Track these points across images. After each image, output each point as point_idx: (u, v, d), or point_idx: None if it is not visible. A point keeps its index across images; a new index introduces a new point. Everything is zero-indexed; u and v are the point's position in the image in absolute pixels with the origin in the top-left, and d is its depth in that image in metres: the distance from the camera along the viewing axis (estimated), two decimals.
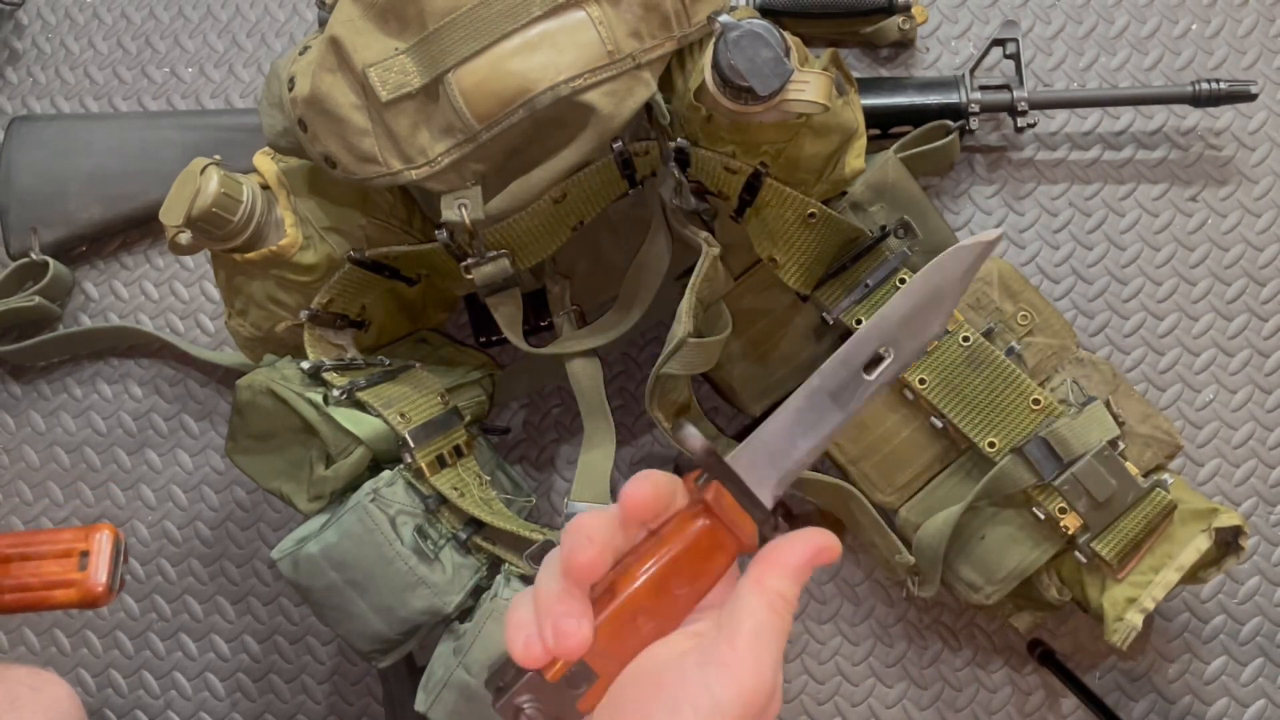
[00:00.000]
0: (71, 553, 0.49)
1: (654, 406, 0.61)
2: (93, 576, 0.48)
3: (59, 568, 0.49)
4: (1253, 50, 0.80)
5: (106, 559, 0.48)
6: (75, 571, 0.48)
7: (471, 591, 0.63)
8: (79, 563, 0.49)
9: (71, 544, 0.49)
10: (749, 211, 0.62)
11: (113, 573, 0.49)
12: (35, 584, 0.49)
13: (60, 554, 0.49)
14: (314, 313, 0.64)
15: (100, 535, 0.50)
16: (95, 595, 0.49)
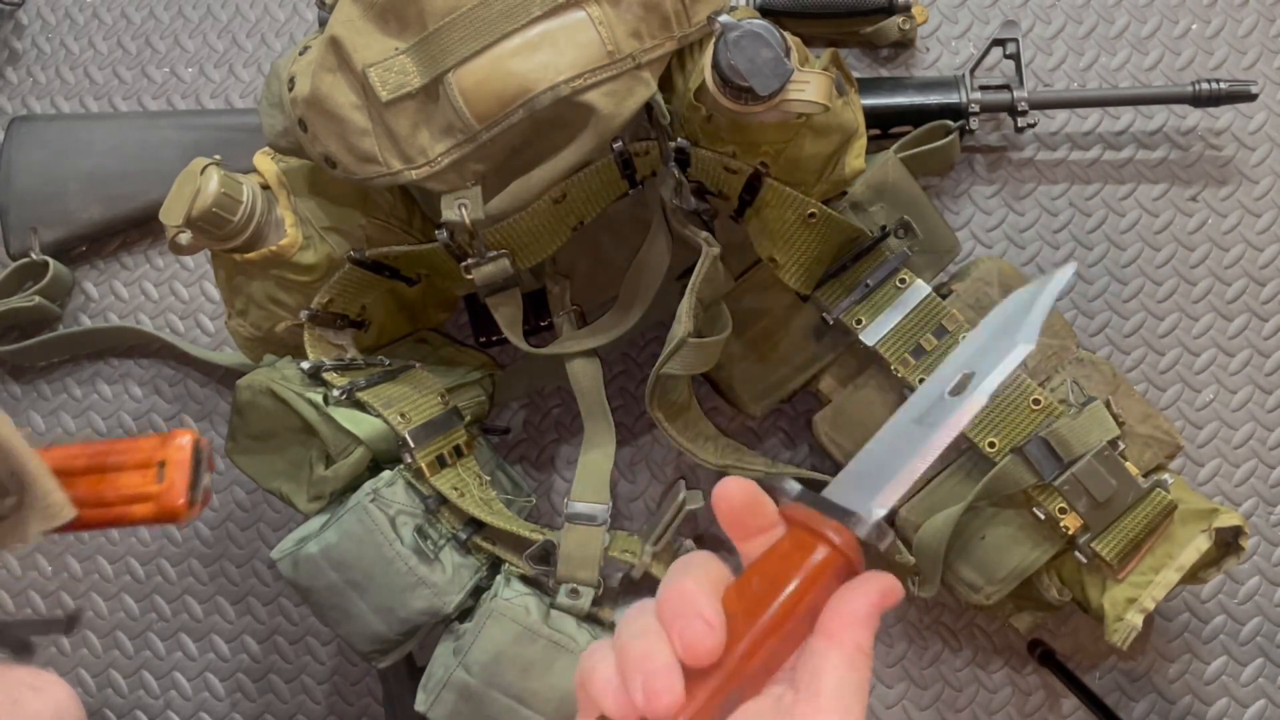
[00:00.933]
0: (150, 463, 0.44)
1: (654, 406, 0.61)
2: (170, 489, 0.43)
3: (139, 479, 0.44)
4: (1253, 50, 0.80)
5: (185, 470, 0.44)
6: (153, 484, 0.44)
7: (471, 592, 0.63)
8: (157, 474, 0.44)
9: (150, 453, 0.44)
10: (749, 211, 0.62)
11: (192, 485, 0.44)
12: (113, 498, 0.44)
13: (139, 464, 0.44)
14: (314, 313, 0.64)
15: (179, 442, 0.45)
16: (173, 510, 0.44)
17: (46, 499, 0.40)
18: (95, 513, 0.44)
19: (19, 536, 0.41)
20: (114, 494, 0.44)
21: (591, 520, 0.64)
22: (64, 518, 0.41)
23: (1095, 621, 0.65)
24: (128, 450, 0.45)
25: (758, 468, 0.66)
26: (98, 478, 0.44)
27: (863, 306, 0.66)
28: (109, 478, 0.44)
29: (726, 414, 0.77)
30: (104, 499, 0.44)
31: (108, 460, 0.44)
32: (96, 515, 0.44)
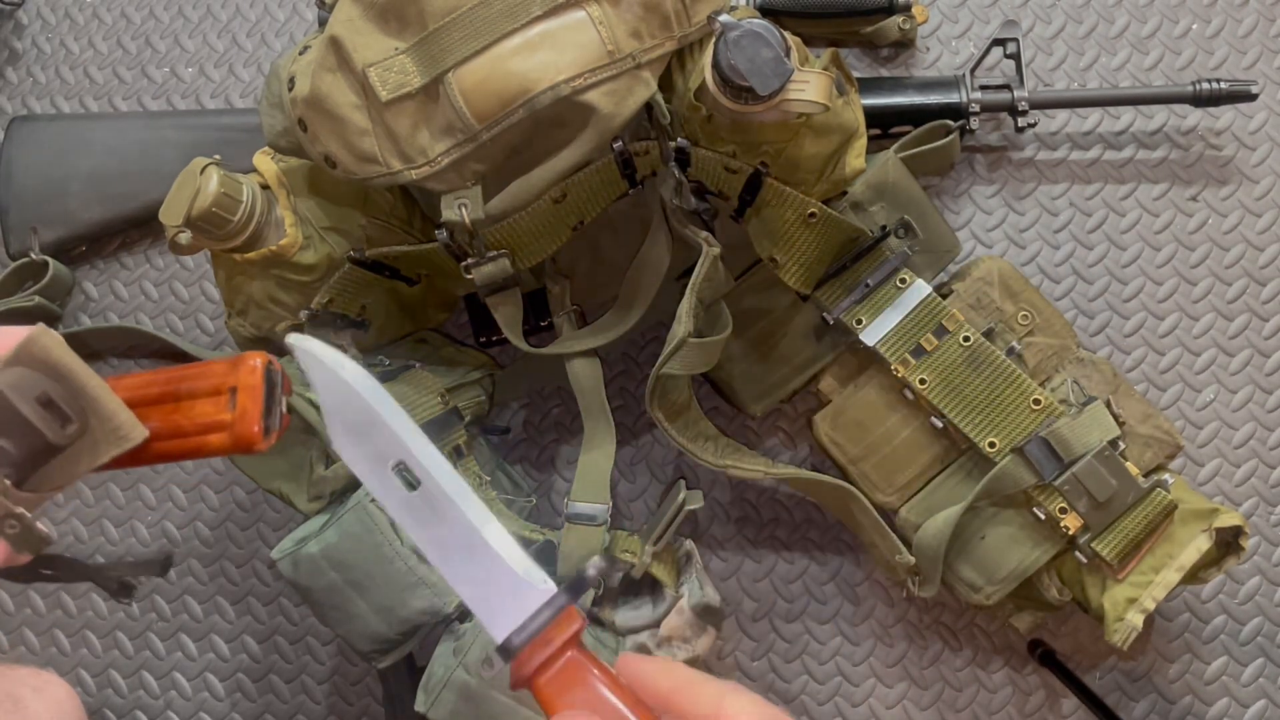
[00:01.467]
0: (221, 389, 0.41)
1: (654, 406, 0.61)
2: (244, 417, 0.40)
3: (212, 407, 0.41)
4: (1253, 50, 0.80)
5: (258, 396, 0.40)
6: (226, 412, 0.41)
7: None
8: (229, 401, 0.41)
9: (221, 378, 0.41)
10: (749, 211, 0.62)
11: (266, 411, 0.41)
12: (189, 427, 0.41)
13: (210, 391, 0.41)
14: (314, 313, 0.64)
15: (251, 365, 0.41)
16: (248, 439, 0.41)
17: (114, 420, 0.39)
18: (173, 444, 0.41)
19: (90, 462, 0.39)
20: (190, 423, 0.41)
21: (591, 520, 0.64)
22: (135, 438, 0.39)
23: (1095, 621, 0.65)
24: (199, 376, 0.41)
25: (758, 468, 0.66)
26: (172, 406, 0.41)
27: (863, 306, 0.66)
28: (183, 406, 0.41)
29: (726, 414, 0.77)
30: (180, 428, 0.41)
31: (180, 387, 0.41)
32: (174, 446, 0.41)
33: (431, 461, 0.40)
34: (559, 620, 0.38)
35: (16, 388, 0.38)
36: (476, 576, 0.39)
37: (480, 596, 0.39)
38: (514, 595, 0.39)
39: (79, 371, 0.38)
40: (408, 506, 0.40)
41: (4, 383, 0.38)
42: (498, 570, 0.39)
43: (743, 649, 0.76)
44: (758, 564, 0.76)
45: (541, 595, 0.39)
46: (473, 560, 0.39)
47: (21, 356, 0.38)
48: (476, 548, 0.39)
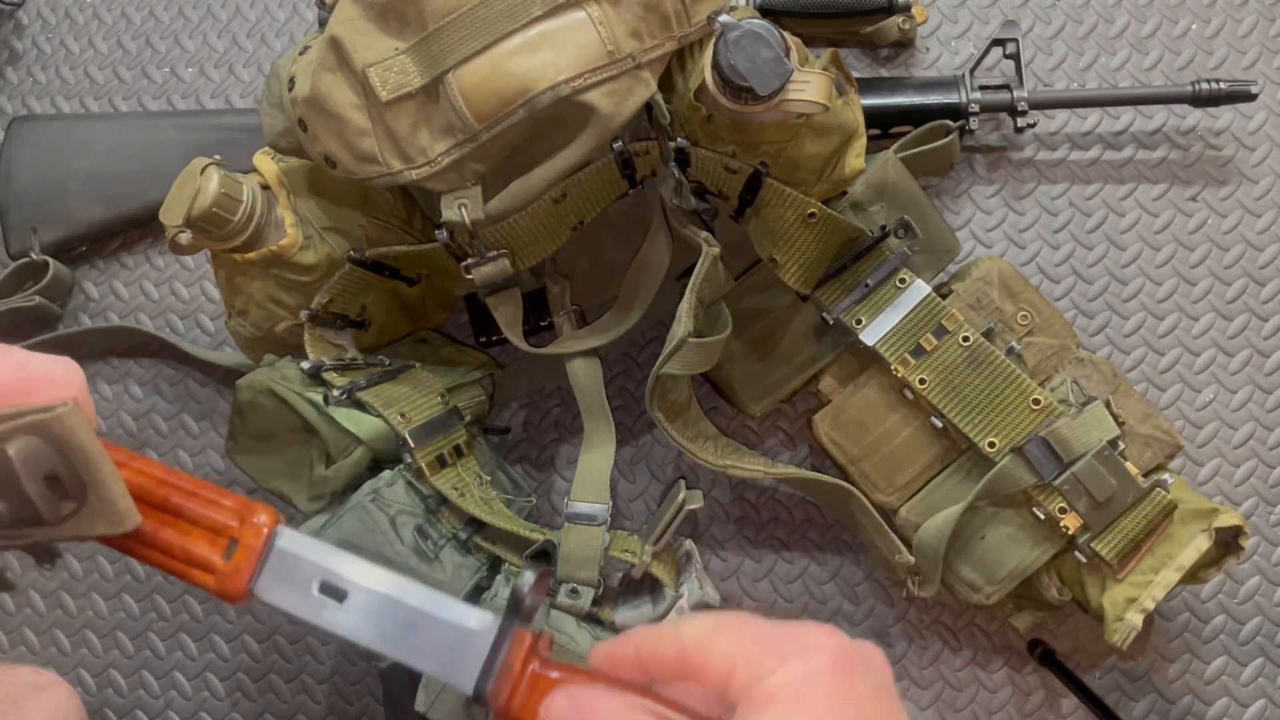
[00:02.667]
0: (224, 531, 0.41)
1: (654, 406, 0.61)
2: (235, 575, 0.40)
3: (206, 546, 0.40)
4: (1253, 50, 0.80)
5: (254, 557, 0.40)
6: (220, 557, 0.40)
7: (472, 591, 0.63)
8: (226, 548, 0.40)
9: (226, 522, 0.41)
10: (749, 211, 0.62)
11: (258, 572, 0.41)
12: (177, 552, 0.41)
13: (212, 527, 0.41)
14: (314, 313, 0.64)
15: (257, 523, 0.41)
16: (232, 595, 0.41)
17: (113, 505, 0.38)
18: (155, 555, 0.41)
19: (74, 533, 0.39)
20: (178, 546, 0.41)
21: (591, 520, 0.64)
22: (127, 527, 0.39)
23: (1095, 621, 0.65)
24: (207, 504, 0.41)
25: (757, 468, 0.66)
26: (170, 518, 0.41)
27: (863, 306, 0.66)
28: (180, 525, 0.41)
29: (726, 414, 0.77)
30: (170, 547, 0.41)
31: (184, 507, 0.41)
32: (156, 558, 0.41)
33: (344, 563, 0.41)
34: (511, 647, 0.39)
35: (27, 461, 0.37)
36: (427, 647, 0.40)
37: (440, 664, 0.40)
38: (464, 646, 0.39)
39: (94, 457, 0.38)
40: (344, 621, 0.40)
41: (16, 453, 0.37)
42: (440, 632, 0.40)
43: None
44: (758, 564, 0.76)
45: (487, 634, 0.39)
46: (418, 634, 0.40)
47: (41, 429, 0.37)
48: (414, 621, 0.40)
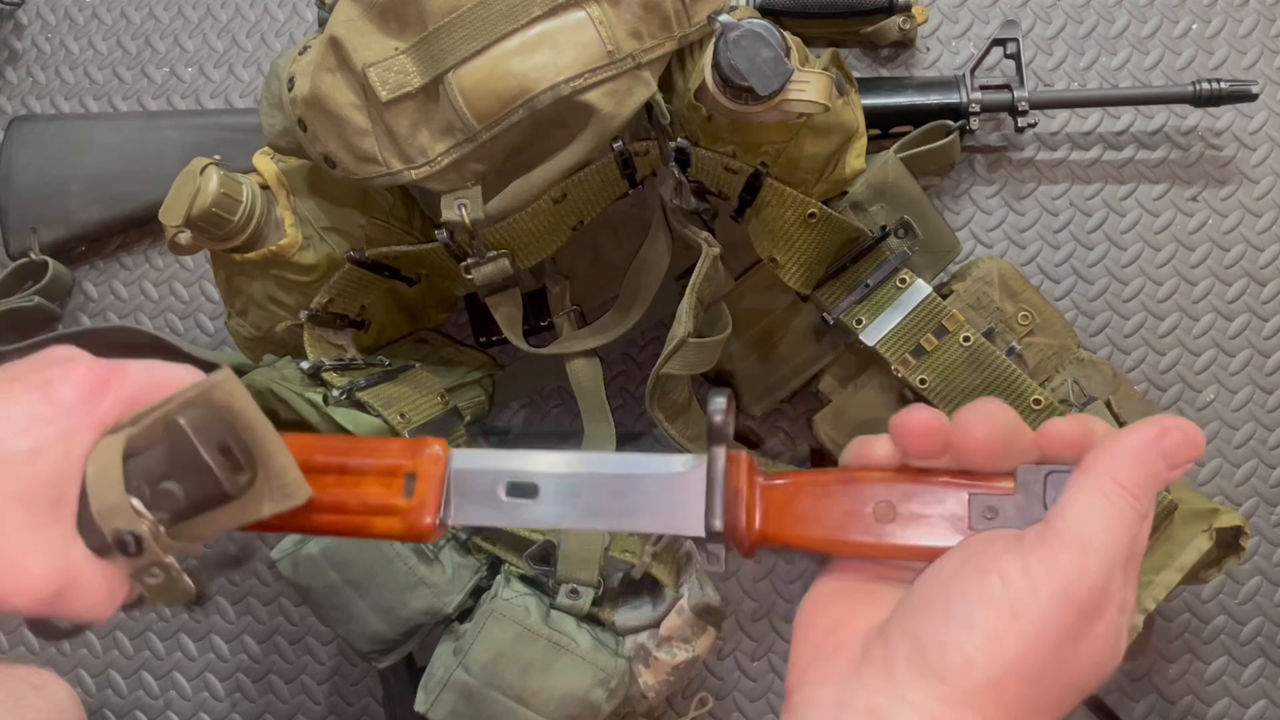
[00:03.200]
0: (397, 471, 0.39)
1: (654, 406, 0.61)
2: (420, 507, 0.38)
3: (382, 489, 0.39)
4: (1253, 50, 0.80)
5: (438, 485, 0.38)
6: (400, 497, 0.39)
7: (471, 592, 0.63)
8: (404, 486, 0.39)
9: (398, 460, 0.39)
10: (749, 211, 0.62)
11: (442, 502, 0.39)
12: (354, 505, 0.39)
13: (384, 471, 0.39)
14: (314, 313, 0.64)
15: (432, 452, 0.39)
16: (421, 530, 0.39)
17: (283, 476, 0.37)
18: (332, 518, 0.39)
19: (248, 516, 0.38)
20: (355, 500, 0.39)
21: None
22: (299, 498, 0.37)
23: None
24: (372, 451, 0.40)
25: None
26: (336, 478, 0.39)
27: (863, 306, 0.65)
28: (349, 480, 0.39)
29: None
30: (343, 504, 0.39)
31: (349, 461, 0.39)
32: (333, 521, 0.40)
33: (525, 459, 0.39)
34: (729, 472, 0.37)
35: (200, 430, 0.36)
36: (639, 508, 0.38)
37: (661, 519, 0.38)
38: (678, 491, 0.37)
39: (258, 423, 0.37)
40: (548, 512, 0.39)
41: (189, 422, 0.36)
42: (647, 488, 0.38)
43: (743, 649, 0.75)
44: (758, 564, 0.76)
45: (698, 470, 0.38)
46: (625, 498, 0.38)
47: (202, 400, 0.36)
48: (616, 488, 0.38)
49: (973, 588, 0.32)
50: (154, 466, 0.36)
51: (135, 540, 0.36)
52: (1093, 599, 0.31)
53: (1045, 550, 0.32)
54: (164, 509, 0.36)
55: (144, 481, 0.36)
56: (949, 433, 0.35)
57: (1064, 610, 0.31)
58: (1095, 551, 0.31)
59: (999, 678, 0.31)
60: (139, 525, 0.36)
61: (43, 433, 0.36)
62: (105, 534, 0.36)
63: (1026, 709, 0.31)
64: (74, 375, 0.38)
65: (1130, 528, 0.32)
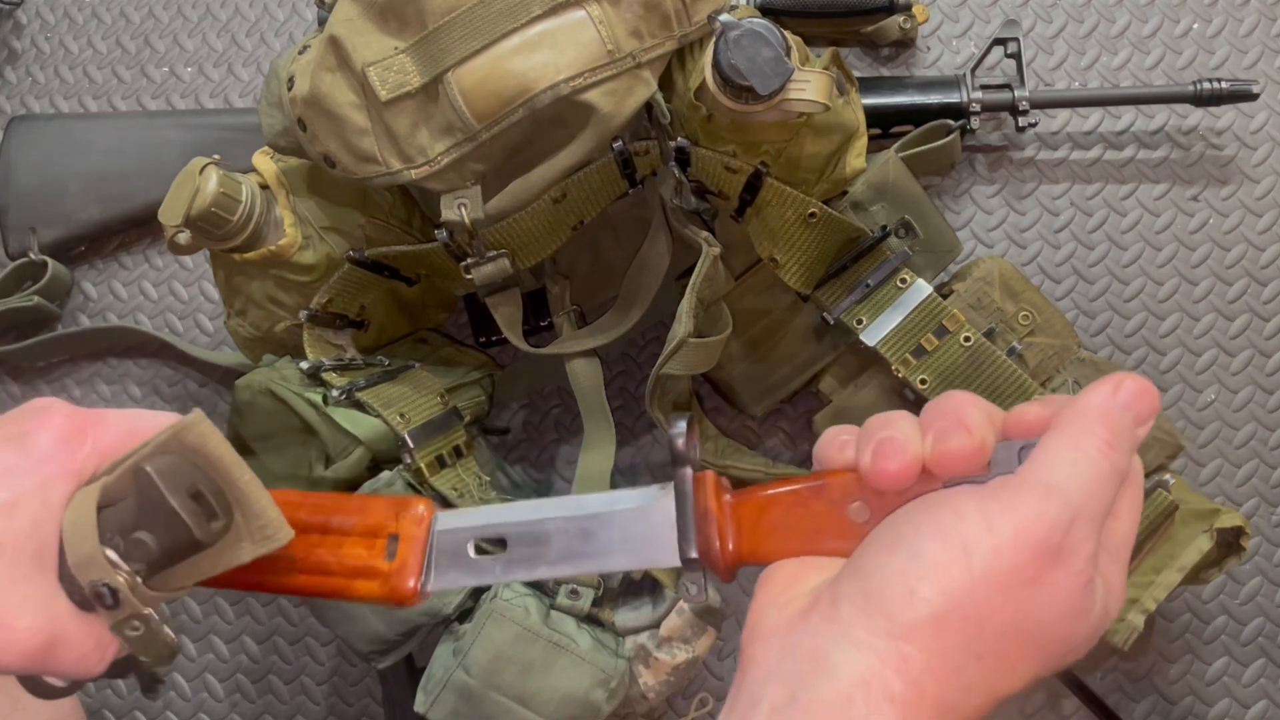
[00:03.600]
0: (380, 532, 0.38)
1: (654, 406, 0.61)
2: (402, 570, 0.37)
3: (365, 551, 0.38)
4: (1254, 49, 0.80)
5: (420, 548, 0.37)
6: (382, 559, 0.37)
7: (471, 592, 0.62)
8: (387, 548, 0.38)
9: (381, 520, 0.38)
10: (749, 211, 0.62)
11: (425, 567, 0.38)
12: (335, 567, 0.38)
13: (366, 531, 0.38)
14: (313, 313, 0.64)
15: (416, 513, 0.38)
16: (402, 595, 0.37)
17: (261, 517, 0.36)
18: (312, 580, 0.38)
19: (227, 561, 0.37)
20: (336, 561, 0.38)
21: None
22: (281, 539, 0.36)
23: None
24: (355, 511, 0.39)
25: (758, 468, 0.66)
26: (319, 538, 0.38)
27: (863, 306, 0.65)
28: (331, 540, 0.38)
29: (726, 414, 0.77)
30: (325, 565, 0.38)
31: (333, 520, 0.38)
32: (313, 583, 0.38)
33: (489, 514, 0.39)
34: (697, 493, 0.36)
35: (168, 476, 0.35)
36: (612, 547, 0.37)
37: (635, 555, 0.37)
38: (647, 523, 0.37)
39: (232, 465, 0.36)
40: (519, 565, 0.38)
41: (155, 469, 0.35)
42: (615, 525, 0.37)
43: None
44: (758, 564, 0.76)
45: (667, 499, 0.36)
46: (595, 539, 0.37)
47: (173, 444, 0.36)
48: (584, 529, 0.37)
49: (925, 523, 0.31)
50: (126, 516, 0.36)
51: (111, 593, 0.35)
52: (1051, 541, 0.30)
53: (1007, 493, 0.31)
54: (138, 559, 0.36)
55: (117, 532, 0.36)
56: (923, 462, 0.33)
57: (1017, 549, 0.30)
58: (1059, 494, 0.30)
59: (942, 612, 0.30)
60: (114, 577, 0.35)
61: (18, 484, 0.35)
62: (83, 586, 0.35)
63: (973, 652, 0.30)
64: (50, 424, 0.37)
65: (1100, 479, 0.31)
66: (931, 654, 0.30)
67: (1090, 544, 0.31)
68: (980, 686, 0.30)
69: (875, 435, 0.33)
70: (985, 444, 0.32)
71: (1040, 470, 0.31)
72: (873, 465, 0.33)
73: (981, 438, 0.32)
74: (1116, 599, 0.33)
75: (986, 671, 0.30)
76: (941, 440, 0.32)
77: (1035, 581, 0.30)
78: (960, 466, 0.32)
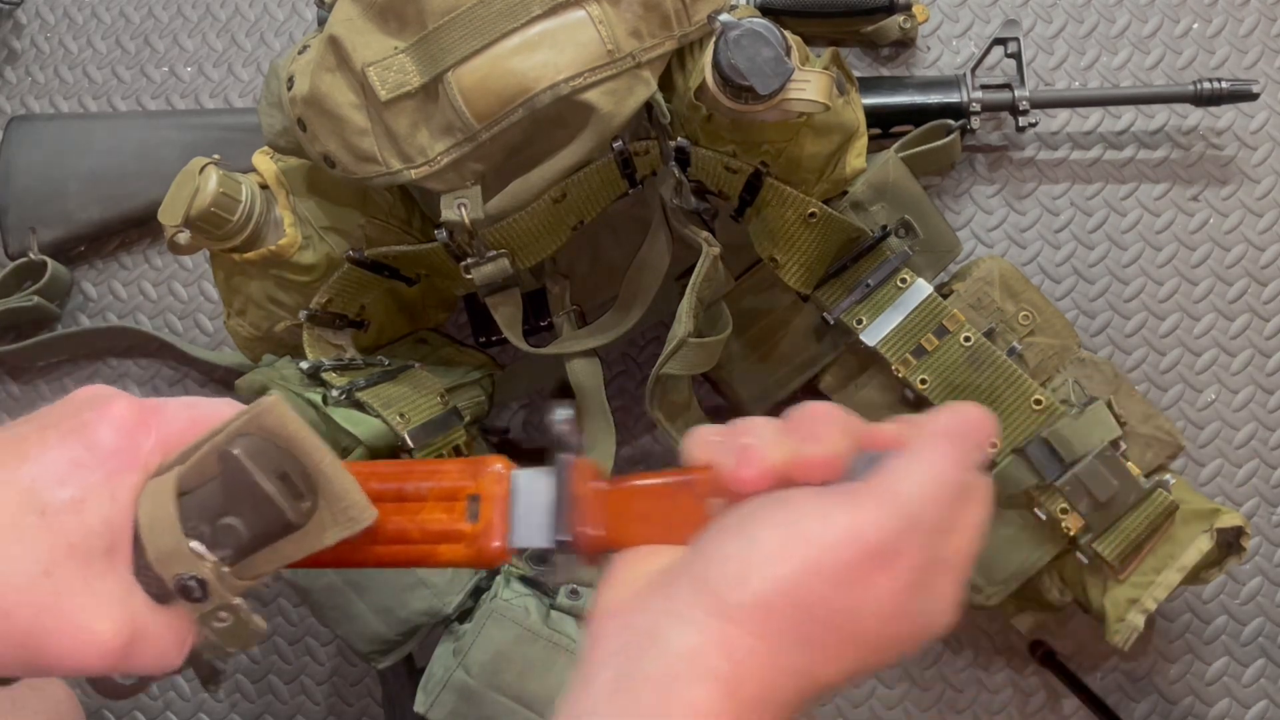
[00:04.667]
0: (458, 494, 0.37)
1: (654, 406, 0.61)
2: (488, 530, 0.37)
3: (445, 515, 0.37)
4: (1254, 49, 0.80)
5: (504, 506, 0.37)
6: (464, 521, 0.37)
7: (471, 592, 0.62)
8: (468, 509, 0.37)
9: (458, 482, 0.37)
10: (749, 211, 0.62)
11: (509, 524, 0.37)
12: (416, 534, 0.37)
13: (445, 495, 0.37)
14: (313, 313, 0.64)
15: (494, 471, 0.37)
16: (490, 555, 0.37)
17: (345, 499, 0.36)
18: (394, 549, 0.38)
19: (315, 544, 0.36)
20: (416, 528, 0.37)
21: None
22: (365, 520, 0.36)
23: (1096, 622, 0.65)
24: (430, 474, 0.38)
25: None
26: (395, 506, 0.38)
27: (863, 306, 0.65)
28: (409, 507, 0.38)
29: (726, 414, 0.77)
30: (405, 533, 0.37)
31: (406, 486, 0.38)
32: (395, 552, 0.38)
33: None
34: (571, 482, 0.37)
35: (256, 458, 0.34)
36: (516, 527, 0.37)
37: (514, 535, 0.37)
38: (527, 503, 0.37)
39: (315, 446, 0.35)
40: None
41: (244, 451, 0.34)
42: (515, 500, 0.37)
43: None
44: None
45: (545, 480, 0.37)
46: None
47: (252, 427, 0.35)
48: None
49: (766, 514, 0.32)
50: (211, 502, 0.35)
51: (200, 584, 0.34)
52: (882, 546, 0.31)
53: (849, 497, 0.32)
54: (226, 546, 0.35)
55: (201, 520, 0.35)
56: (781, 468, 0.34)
57: (849, 547, 0.31)
58: (897, 502, 0.32)
59: (770, 598, 0.31)
60: (201, 569, 0.34)
61: (85, 480, 0.34)
62: (166, 580, 0.34)
63: (797, 638, 0.31)
64: (111, 415, 0.36)
65: (940, 493, 0.32)
66: (757, 637, 0.31)
67: (921, 554, 0.32)
68: (802, 671, 0.31)
69: (738, 440, 0.35)
70: (840, 454, 0.34)
71: (884, 479, 0.32)
72: (734, 470, 0.34)
73: (836, 448, 0.34)
74: (944, 610, 0.33)
75: (809, 659, 0.31)
76: (799, 449, 0.34)
77: (862, 581, 0.31)
78: (816, 474, 0.34)
